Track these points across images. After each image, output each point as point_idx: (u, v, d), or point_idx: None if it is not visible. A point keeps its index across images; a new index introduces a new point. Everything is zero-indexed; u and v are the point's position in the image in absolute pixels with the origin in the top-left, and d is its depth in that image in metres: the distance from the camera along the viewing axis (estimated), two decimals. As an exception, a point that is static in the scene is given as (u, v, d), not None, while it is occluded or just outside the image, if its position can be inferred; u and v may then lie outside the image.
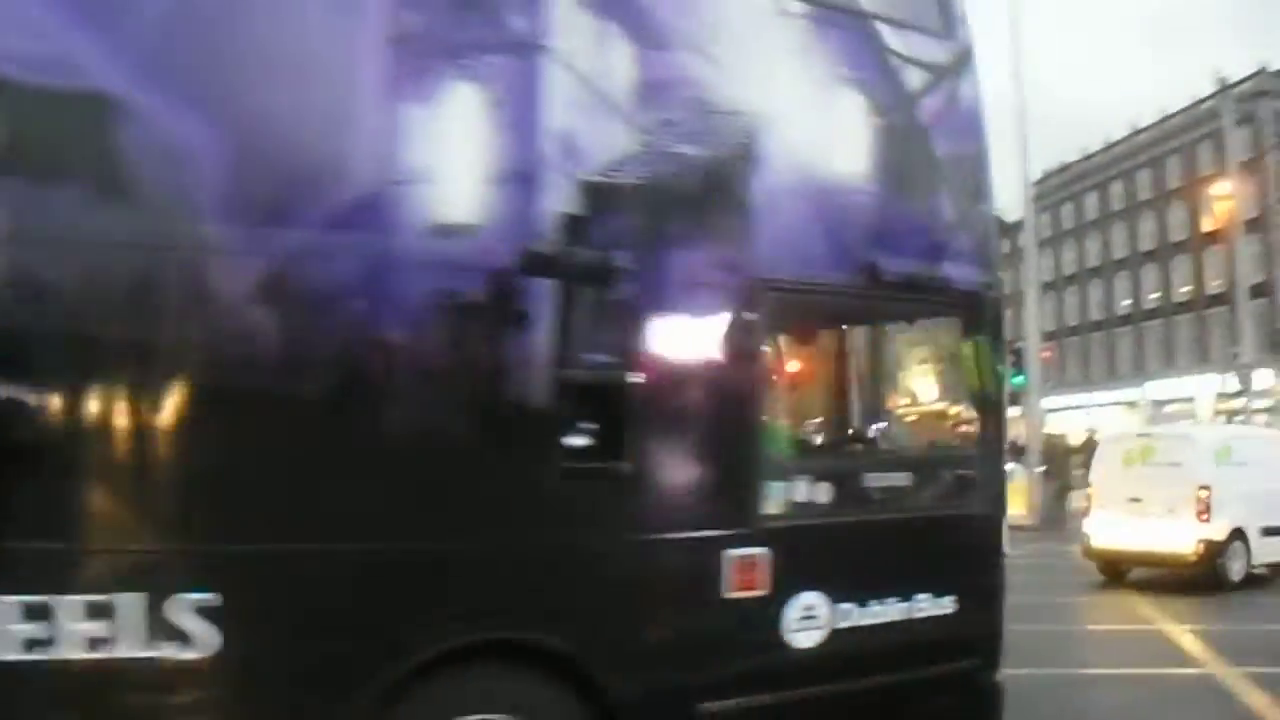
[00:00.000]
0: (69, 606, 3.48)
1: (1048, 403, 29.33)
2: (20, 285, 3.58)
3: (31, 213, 3.56)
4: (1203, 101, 57.59)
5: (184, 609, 3.59)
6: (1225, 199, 39.57)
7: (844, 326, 5.10)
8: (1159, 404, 60.24)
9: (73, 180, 3.64)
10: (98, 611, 3.50)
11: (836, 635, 4.74)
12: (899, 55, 5.18)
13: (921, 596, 5.02)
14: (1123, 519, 13.37)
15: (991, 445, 5.46)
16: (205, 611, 3.61)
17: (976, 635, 5.24)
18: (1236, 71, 56.59)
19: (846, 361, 5.13)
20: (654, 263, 4.44)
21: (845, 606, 4.77)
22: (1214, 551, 12.69)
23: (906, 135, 5.26)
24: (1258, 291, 50.74)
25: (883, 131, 5.15)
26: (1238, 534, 12.97)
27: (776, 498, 4.68)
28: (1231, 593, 12.62)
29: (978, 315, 5.39)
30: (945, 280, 5.23)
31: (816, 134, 4.91)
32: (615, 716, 4.28)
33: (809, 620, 4.68)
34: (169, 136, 3.71)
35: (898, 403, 5.11)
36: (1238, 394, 36.31)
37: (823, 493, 4.85)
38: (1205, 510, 12.44)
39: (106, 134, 3.65)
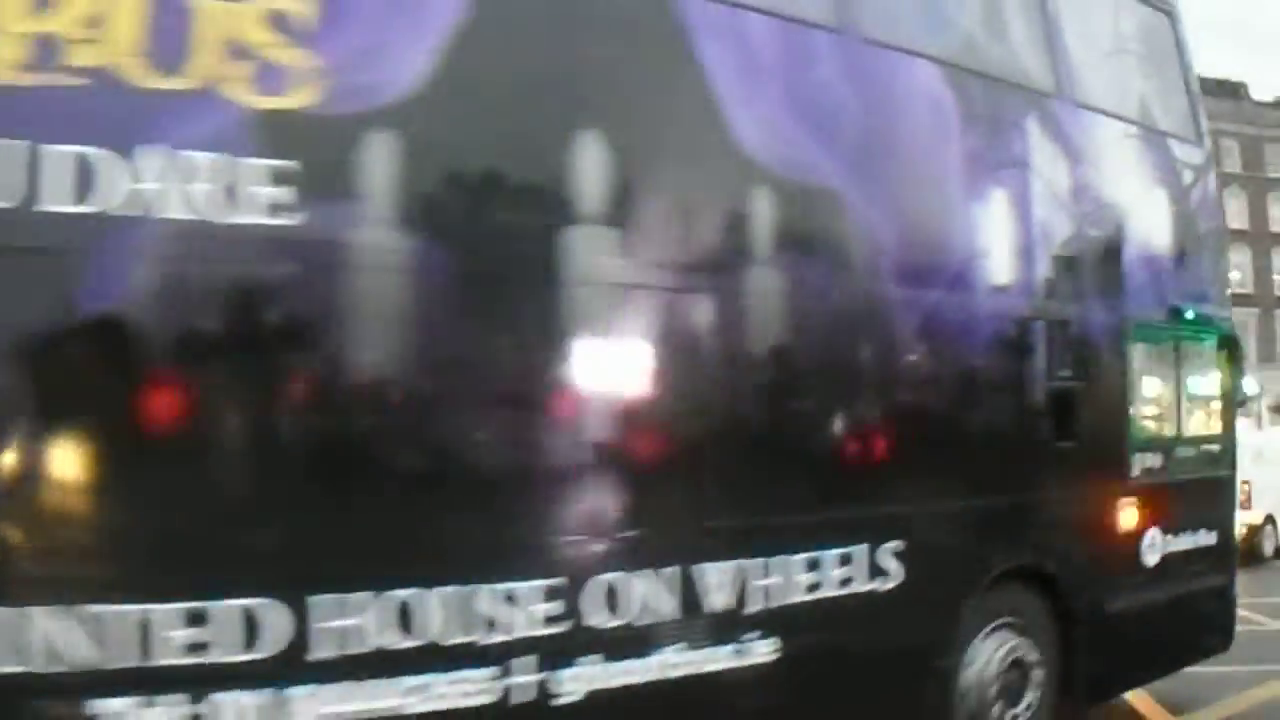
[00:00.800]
0: (830, 558, 5.23)
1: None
2: (808, 332, 5.46)
3: (795, 280, 5.34)
4: None
5: (887, 554, 5.48)
6: None
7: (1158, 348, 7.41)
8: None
9: (817, 251, 5.43)
10: (844, 560, 5.30)
11: (1165, 558, 7.11)
12: (1181, 162, 7.59)
13: (1201, 531, 7.44)
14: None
15: (1230, 429, 7.94)
16: (896, 554, 5.50)
17: (1225, 559, 7.72)
18: None
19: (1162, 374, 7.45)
20: (1082, 309, 6.68)
21: (1169, 537, 7.15)
22: (1253, 533, 15.99)
23: (1186, 218, 7.64)
24: None
25: (1175, 216, 7.50)
26: (1269, 519, 16.91)
27: (1138, 466, 7.00)
28: (1263, 566, 15.92)
29: (1225, 341, 7.86)
30: (1209, 317, 7.66)
31: (1146, 219, 7.23)
32: (1071, 619, 6.45)
33: (1152, 547, 7.04)
34: (865, 220, 5.56)
35: (1186, 402, 7.44)
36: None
37: (1157, 464, 7.18)
38: (1247, 500, 15.37)
39: (835, 217, 5.50)
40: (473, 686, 4.07)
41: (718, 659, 4.79)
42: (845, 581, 5.28)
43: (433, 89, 4.04)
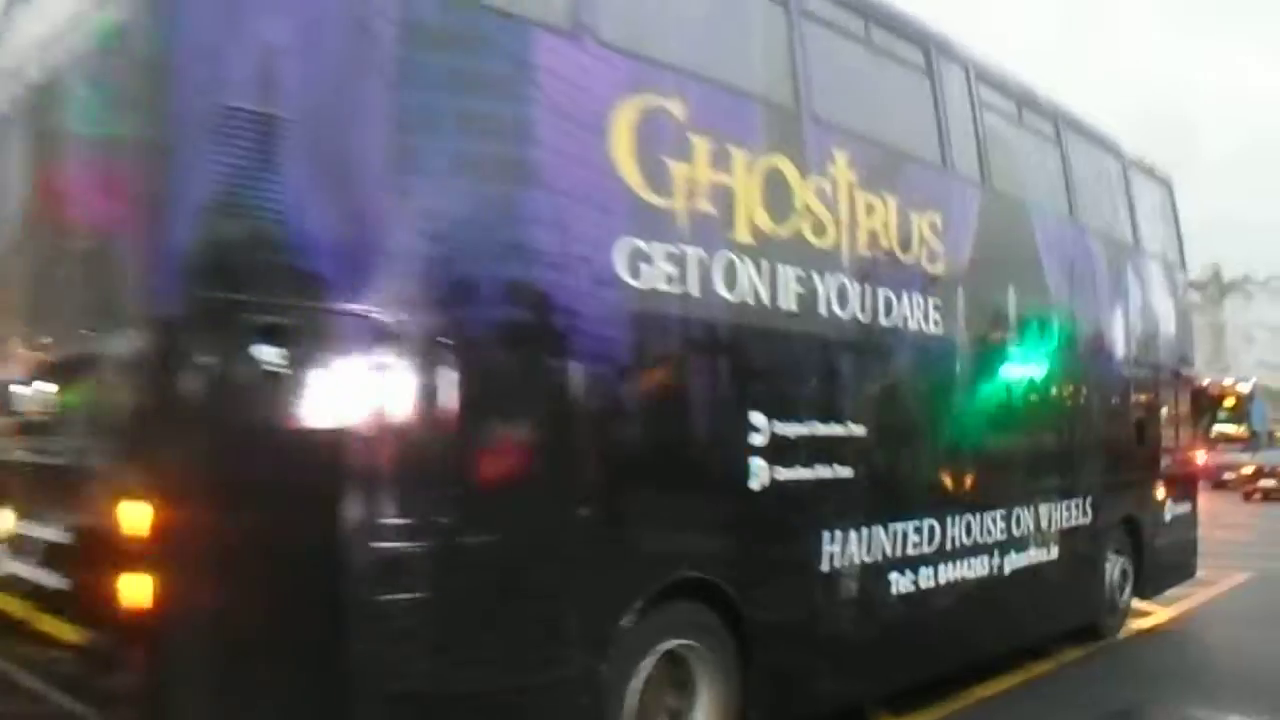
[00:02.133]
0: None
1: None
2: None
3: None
4: None
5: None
6: None
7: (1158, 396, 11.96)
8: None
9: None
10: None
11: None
12: (1178, 280, 12.57)
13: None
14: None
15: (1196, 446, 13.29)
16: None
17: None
18: None
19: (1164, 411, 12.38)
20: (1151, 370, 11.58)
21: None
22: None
23: (1183, 314, 12.72)
24: None
25: (1177, 310, 12.39)
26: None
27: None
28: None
29: (1193, 388, 13.04)
30: (1187, 371, 12.75)
31: (1169, 316, 12.08)
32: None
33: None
34: (1077, 323, 9.88)
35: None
36: None
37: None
38: None
39: (1072, 327, 9.65)
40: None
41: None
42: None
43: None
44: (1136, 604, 11.05)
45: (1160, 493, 11.63)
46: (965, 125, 8.37)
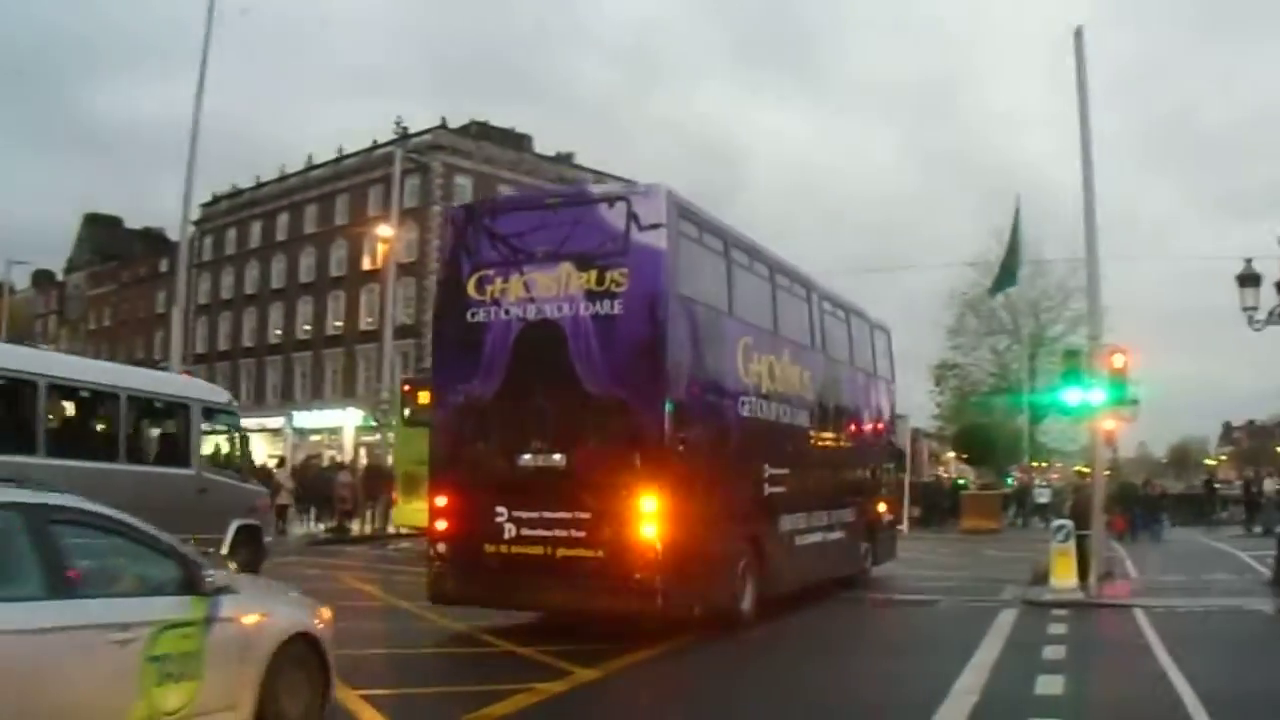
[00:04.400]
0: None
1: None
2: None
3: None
4: (380, 147, 63.03)
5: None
6: (386, 241, 44.11)
7: (883, 460, 23.47)
8: (303, 432, 65.82)
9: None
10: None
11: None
12: (889, 387, 23.32)
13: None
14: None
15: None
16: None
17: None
18: (419, 124, 64.56)
19: (886, 469, 23.87)
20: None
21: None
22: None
23: (892, 409, 23.89)
24: (407, 332, 56.57)
25: (891, 409, 23.61)
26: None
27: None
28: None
29: (900, 456, 27.19)
30: (898, 445, 26.56)
31: (887, 411, 23.13)
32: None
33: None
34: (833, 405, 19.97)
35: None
36: (378, 427, 40.13)
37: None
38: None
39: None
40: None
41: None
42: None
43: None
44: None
45: (884, 511, 22.53)
46: (817, 322, 18.61)
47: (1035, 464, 51.35)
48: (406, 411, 26.87)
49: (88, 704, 6.33)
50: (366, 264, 63.52)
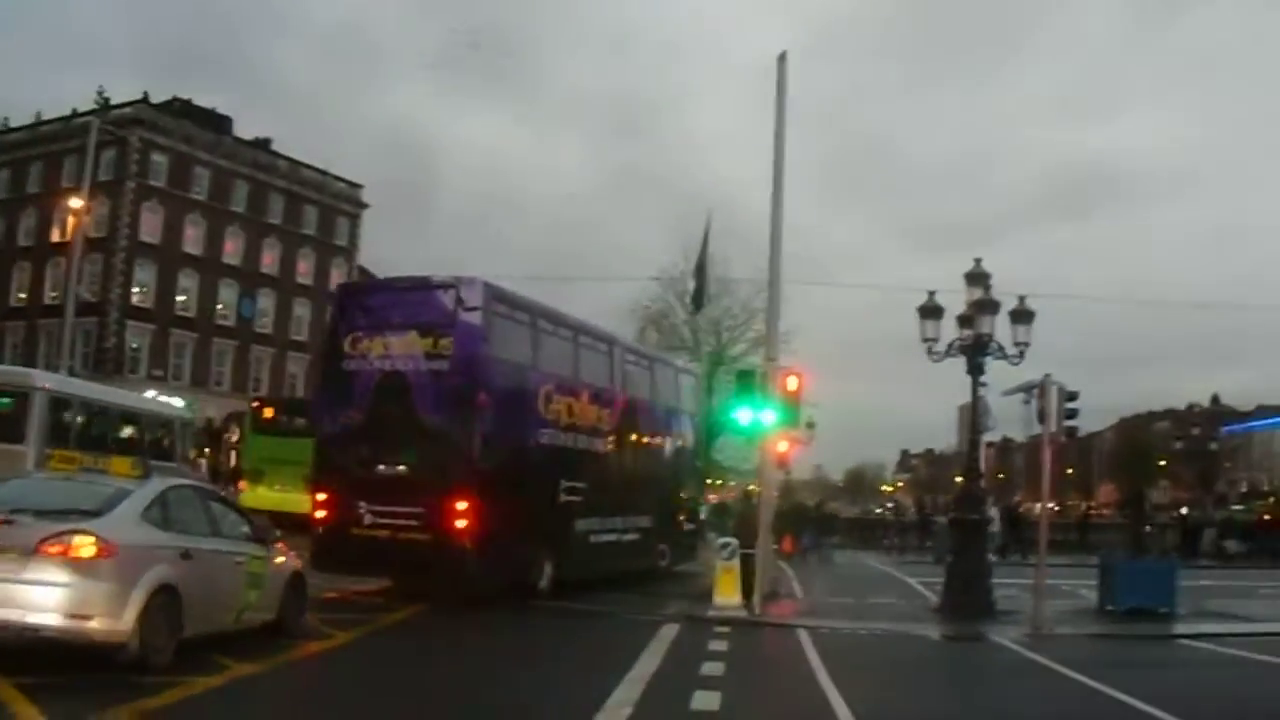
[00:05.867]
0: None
1: None
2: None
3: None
4: (79, 116, 61.22)
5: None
6: (77, 214, 43.59)
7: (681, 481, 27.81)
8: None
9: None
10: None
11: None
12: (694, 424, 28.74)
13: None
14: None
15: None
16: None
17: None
18: (122, 97, 64.11)
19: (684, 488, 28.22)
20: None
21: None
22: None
23: (691, 436, 28.36)
24: (91, 309, 56.35)
25: (689, 437, 28.06)
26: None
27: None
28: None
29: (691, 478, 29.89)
30: (690, 469, 29.10)
31: (688, 439, 27.88)
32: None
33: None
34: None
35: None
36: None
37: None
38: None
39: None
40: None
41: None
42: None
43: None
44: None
45: (681, 520, 27.34)
46: (617, 370, 23.44)
47: (709, 481, 52.54)
48: (253, 421, 35.86)
49: (228, 591, 12.10)
50: (55, 235, 61.16)
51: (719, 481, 60.19)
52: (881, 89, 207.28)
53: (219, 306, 68.85)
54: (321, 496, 18.45)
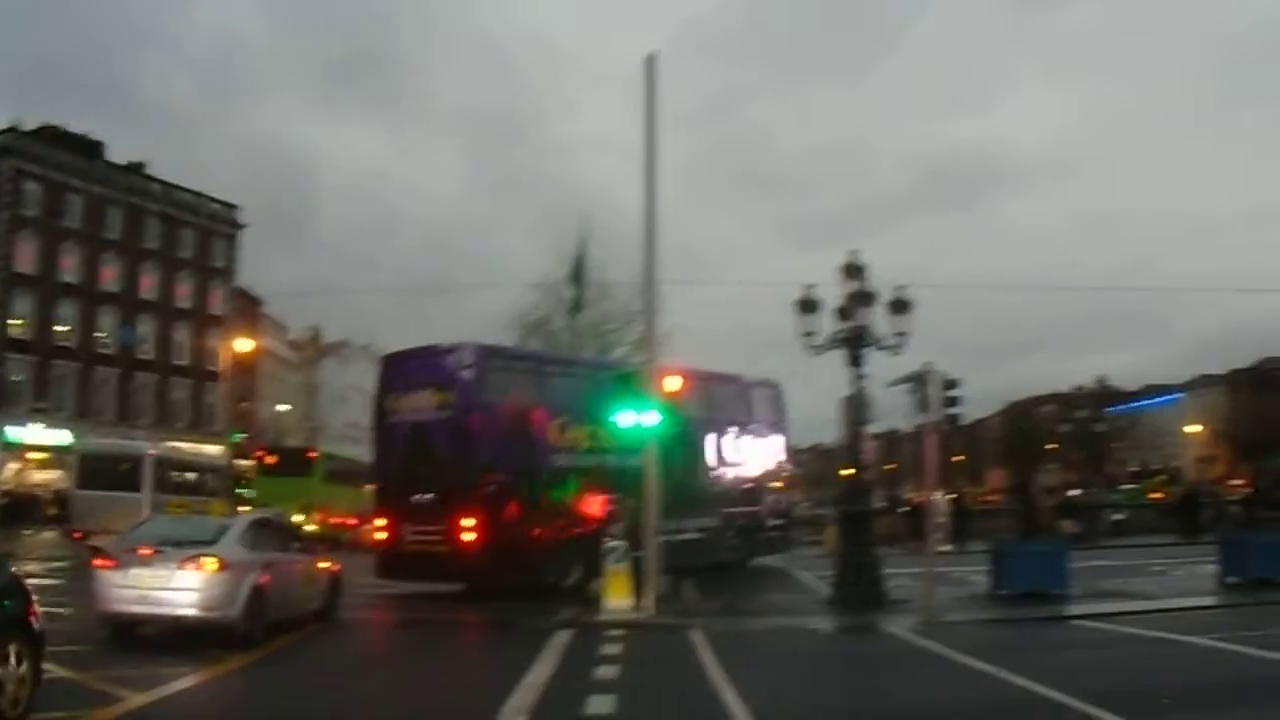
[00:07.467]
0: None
1: None
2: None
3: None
4: None
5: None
6: None
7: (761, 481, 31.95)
8: None
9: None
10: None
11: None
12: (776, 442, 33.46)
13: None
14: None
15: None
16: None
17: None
18: None
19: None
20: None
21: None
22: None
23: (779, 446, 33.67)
24: None
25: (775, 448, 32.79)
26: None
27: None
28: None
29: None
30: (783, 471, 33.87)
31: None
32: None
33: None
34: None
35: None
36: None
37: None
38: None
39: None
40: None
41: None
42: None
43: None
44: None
45: (765, 515, 32.37)
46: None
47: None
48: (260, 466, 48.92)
49: (294, 589, 17.19)
50: None
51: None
52: (758, 85, 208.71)
53: (99, 335, 68.01)
54: (380, 523, 24.57)
